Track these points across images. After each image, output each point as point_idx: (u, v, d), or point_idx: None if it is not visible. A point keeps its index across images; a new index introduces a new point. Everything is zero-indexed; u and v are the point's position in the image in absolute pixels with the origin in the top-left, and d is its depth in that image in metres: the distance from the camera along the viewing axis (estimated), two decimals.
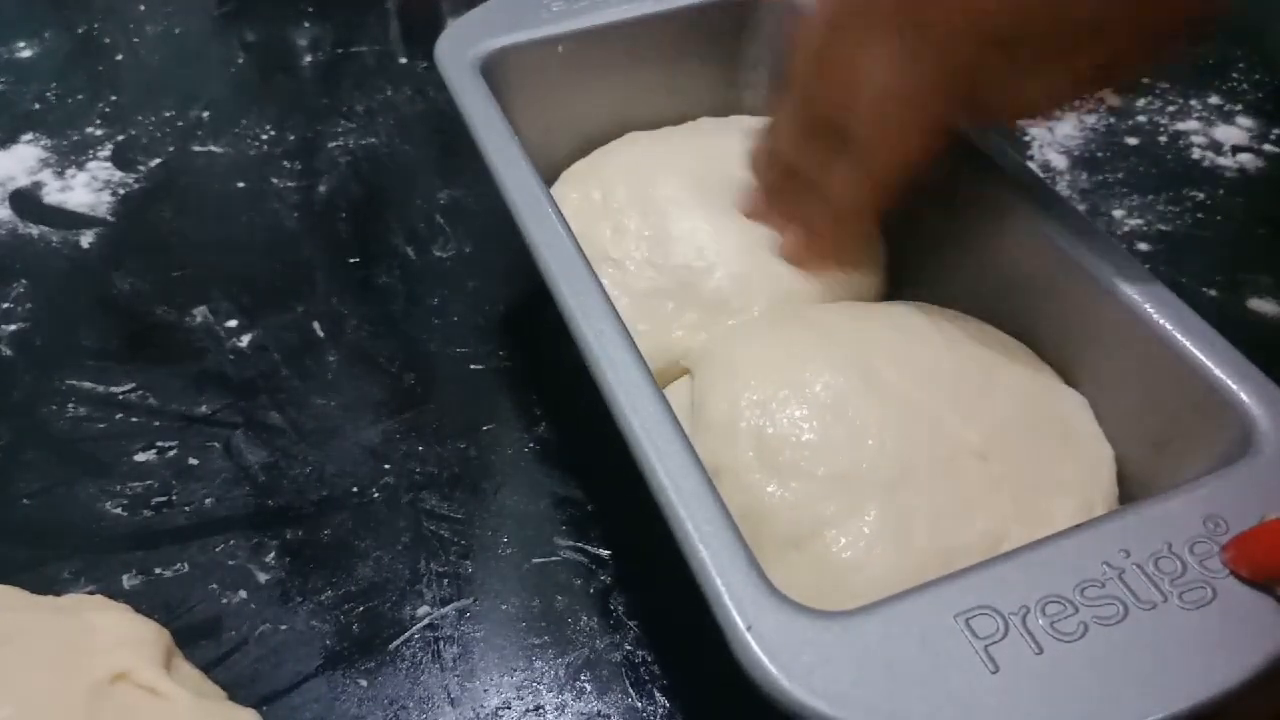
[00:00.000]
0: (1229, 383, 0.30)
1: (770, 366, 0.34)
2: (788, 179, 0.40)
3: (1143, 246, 0.50)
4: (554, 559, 0.38)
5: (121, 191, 0.55)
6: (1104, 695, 0.23)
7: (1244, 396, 0.29)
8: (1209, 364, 0.30)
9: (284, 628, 0.36)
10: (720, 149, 0.43)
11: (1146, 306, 0.32)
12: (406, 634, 0.36)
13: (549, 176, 0.43)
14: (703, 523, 0.26)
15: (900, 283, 0.41)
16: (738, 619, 0.24)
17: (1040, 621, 0.24)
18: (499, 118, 0.39)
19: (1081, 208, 0.51)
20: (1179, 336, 0.31)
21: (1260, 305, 0.47)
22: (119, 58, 0.65)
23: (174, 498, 0.41)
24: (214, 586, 0.38)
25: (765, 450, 0.32)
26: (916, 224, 0.40)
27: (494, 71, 0.42)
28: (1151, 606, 0.25)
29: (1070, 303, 0.35)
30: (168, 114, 0.60)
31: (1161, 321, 0.31)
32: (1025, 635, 0.24)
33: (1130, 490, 0.33)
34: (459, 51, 0.42)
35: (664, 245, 0.39)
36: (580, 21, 0.44)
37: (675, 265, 0.39)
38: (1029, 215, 0.35)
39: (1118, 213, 0.52)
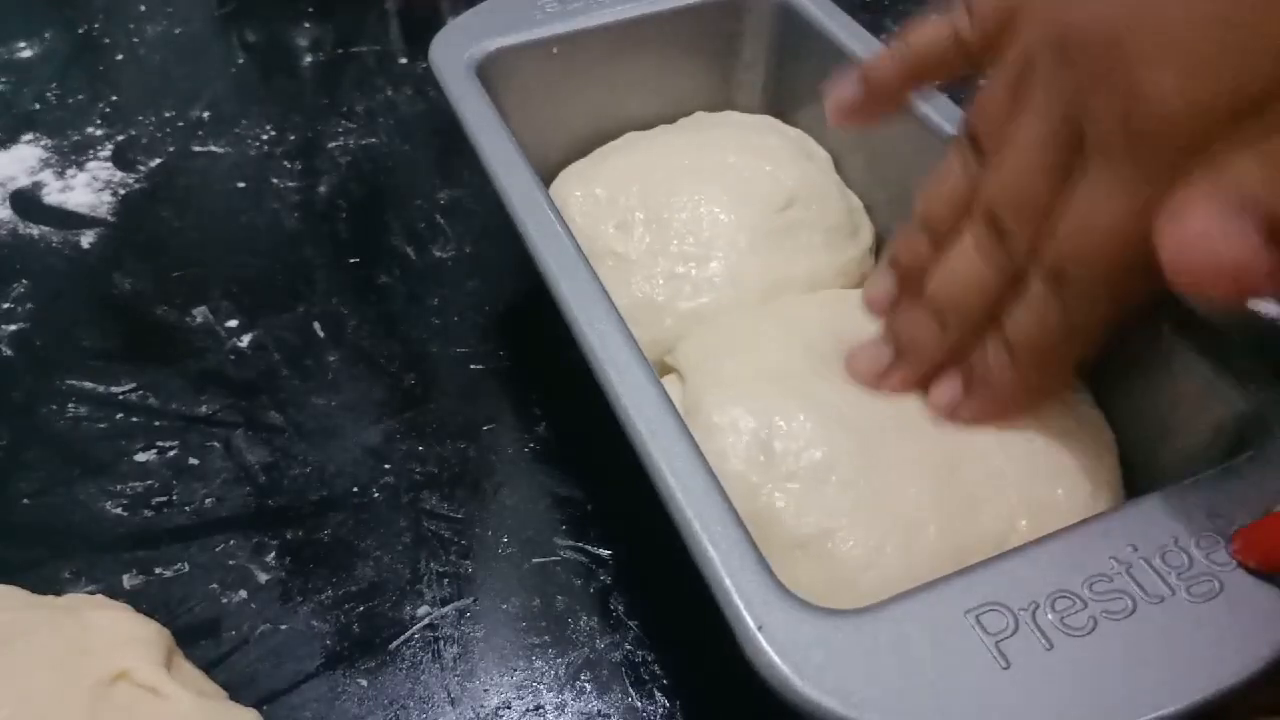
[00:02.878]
0: (1232, 378, 0.30)
1: (766, 370, 0.34)
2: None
3: None
4: (554, 559, 0.38)
5: (122, 192, 0.55)
6: (1115, 689, 0.23)
7: (1246, 392, 0.29)
8: (1210, 359, 0.30)
9: (284, 627, 0.36)
10: (717, 141, 0.43)
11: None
12: (406, 634, 0.36)
13: (546, 176, 0.43)
14: (711, 523, 0.26)
15: None
16: (749, 619, 0.24)
17: (1050, 617, 0.24)
18: (495, 119, 0.39)
19: None
20: (1179, 333, 0.31)
21: (1260, 305, 0.47)
22: (119, 58, 0.65)
23: (174, 497, 0.40)
24: (214, 586, 0.38)
25: (768, 456, 0.32)
26: (906, 209, 0.41)
27: (489, 73, 0.42)
28: (1160, 600, 0.25)
29: None
30: (168, 114, 0.60)
31: (1161, 317, 0.31)
32: (1035, 631, 0.24)
33: (1134, 485, 0.33)
34: (454, 54, 0.42)
35: (664, 237, 0.40)
36: (574, 23, 0.44)
37: (673, 254, 0.39)
38: None
39: None
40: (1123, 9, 0.26)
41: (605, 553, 0.38)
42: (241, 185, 0.55)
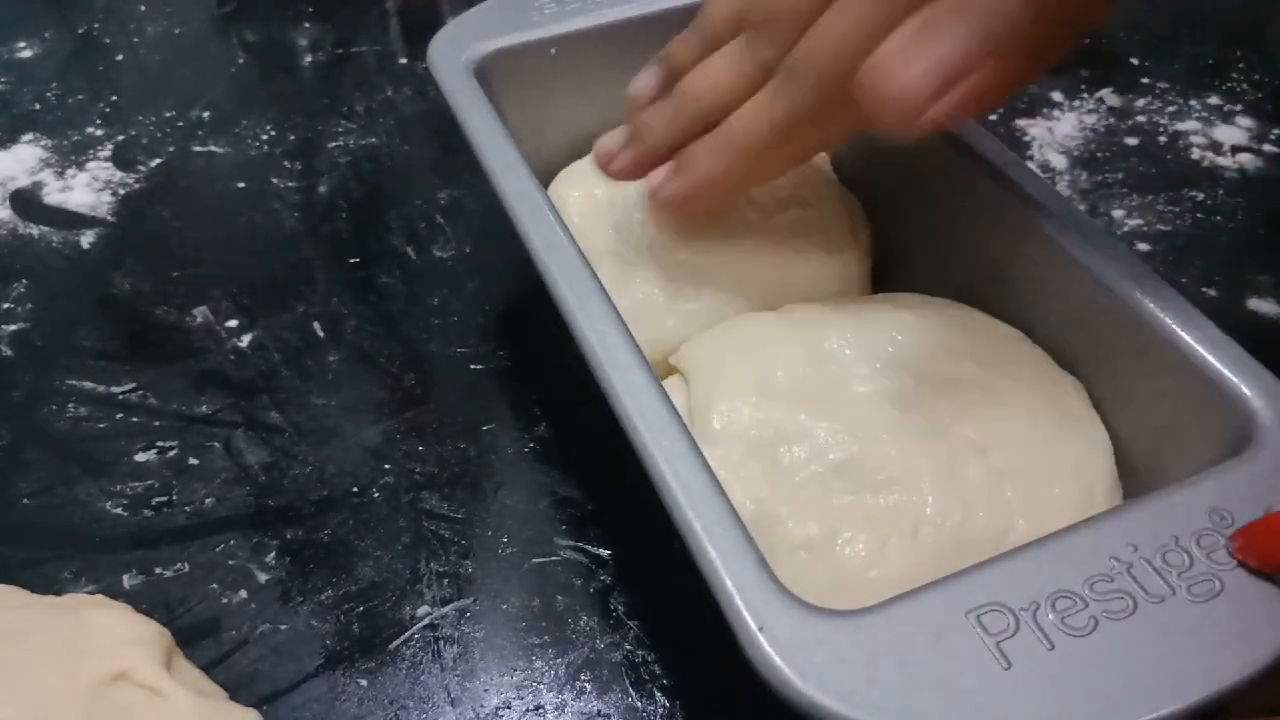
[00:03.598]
0: (1230, 376, 0.30)
1: (770, 376, 0.34)
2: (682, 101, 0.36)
3: (1143, 246, 0.50)
4: (554, 559, 0.38)
5: (122, 191, 0.55)
6: (1116, 690, 0.23)
7: (1245, 390, 0.29)
8: (1210, 357, 0.30)
9: (284, 627, 0.36)
10: None
11: (1147, 301, 0.32)
12: (406, 634, 0.36)
13: (544, 177, 0.43)
14: (712, 524, 0.26)
15: (893, 278, 0.41)
16: (750, 620, 0.24)
17: (1050, 617, 0.24)
18: (494, 120, 0.39)
19: (1081, 208, 0.51)
20: (1179, 330, 0.31)
21: (1260, 305, 0.47)
22: (119, 58, 0.65)
23: (174, 497, 0.40)
24: (214, 586, 0.38)
25: (772, 459, 0.32)
26: (910, 224, 0.41)
27: (487, 74, 0.42)
28: (1160, 600, 0.25)
29: (1070, 299, 0.34)
30: (168, 114, 0.60)
31: (1162, 315, 0.31)
32: (1036, 631, 0.24)
33: (1133, 484, 0.33)
34: (452, 54, 0.42)
35: (663, 237, 0.39)
36: (572, 24, 0.44)
37: (671, 256, 0.39)
38: (1025, 212, 0.35)
39: (1117, 213, 0.52)
40: None
41: (605, 553, 0.38)
42: (241, 185, 0.55)
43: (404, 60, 0.64)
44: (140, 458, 0.42)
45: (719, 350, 0.36)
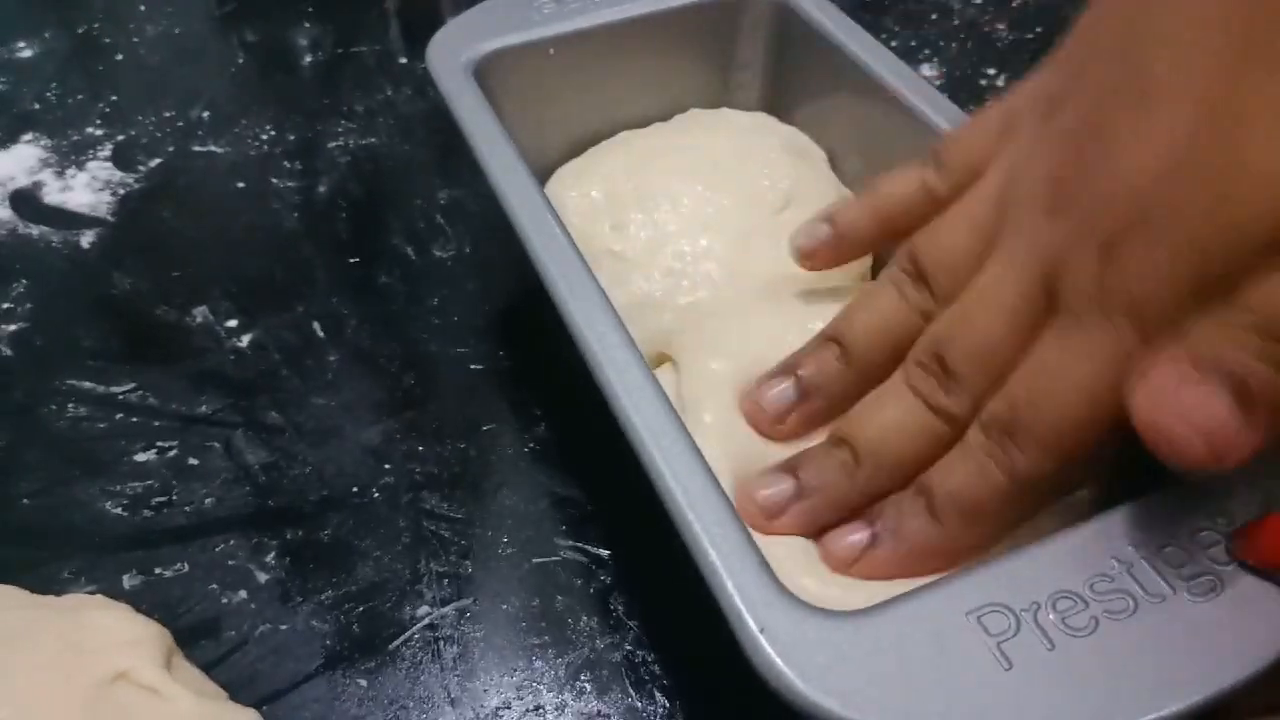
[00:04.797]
0: None
1: (762, 361, 0.34)
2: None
3: None
4: (554, 559, 0.38)
5: (121, 191, 0.55)
6: (1117, 690, 0.23)
7: None
8: None
9: (284, 628, 0.36)
10: (713, 141, 0.43)
11: None
12: (406, 634, 0.36)
13: (543, 177, 0.43)
14: (711, 525, 0.26)
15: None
16: (750, 621, 0.24)
17: (1051, 617, 0.24)
18: (492, 121, 0.39)
19: None
20: None
21: None
22: (119, 58, 0.65)
23: (174, 498, 0.40)
24: (214, 586, 0.38)
25: (765, 449, 0.32)
26: None
27: (486, 74, 0.42)
28: (1161, 599, 0.25)
29: None
30: (168, 114, 0.60)
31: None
32: (1037, 631, 0.24)
33: (1134, 485, 0.33)
34: (451, 55, 0.42)
35: (661, 236, 0.40)
36: (571, 24, 0.44)
37: (670, 252, 0.39)
38: None
39: None
40: (1130, 180, 0.25)
41: (605, 553, 0.38)
42: (241, 185, 0.55)
43: (404, 60, 0.64)
44: (140, 458, 0.42)
45: (710, 341, 0.36)
